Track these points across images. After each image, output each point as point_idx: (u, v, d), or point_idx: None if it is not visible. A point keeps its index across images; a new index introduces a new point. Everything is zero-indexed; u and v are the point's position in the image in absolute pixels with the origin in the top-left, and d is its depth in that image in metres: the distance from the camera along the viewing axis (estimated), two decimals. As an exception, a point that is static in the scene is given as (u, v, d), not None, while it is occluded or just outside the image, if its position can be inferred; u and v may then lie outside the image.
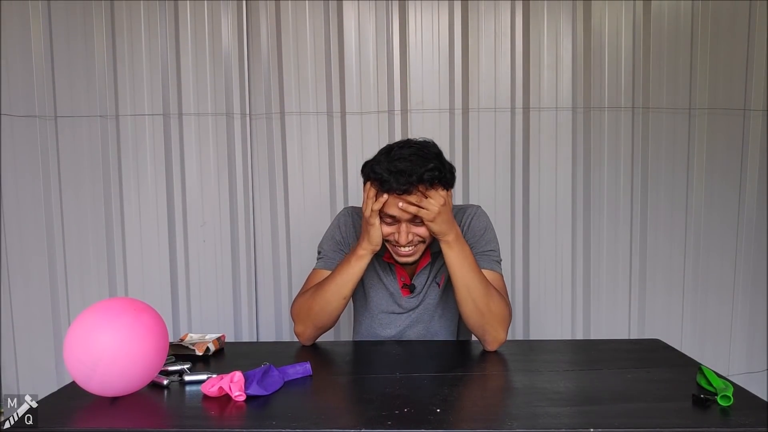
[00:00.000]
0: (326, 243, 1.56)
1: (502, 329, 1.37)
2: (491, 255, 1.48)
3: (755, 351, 2.40)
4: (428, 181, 1.29)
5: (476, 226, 1.50)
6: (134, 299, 1.13)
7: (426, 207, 1.29)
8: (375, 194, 1.33)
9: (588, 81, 2.26)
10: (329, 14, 2.24)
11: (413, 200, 1.30)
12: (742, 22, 2.27)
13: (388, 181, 1.29)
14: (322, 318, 1.42)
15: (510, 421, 0.95)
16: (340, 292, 1.39)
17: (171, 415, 1.07)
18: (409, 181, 1.28)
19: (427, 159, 1.32)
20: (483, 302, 1.34)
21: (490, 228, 1.52)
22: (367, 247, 1.37)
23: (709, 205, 2.33)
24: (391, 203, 1.32)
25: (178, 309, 2.31)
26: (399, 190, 1.29)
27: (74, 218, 2.24)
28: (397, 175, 1.28)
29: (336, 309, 1.41)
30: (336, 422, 0.98)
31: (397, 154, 1.32)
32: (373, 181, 1.34)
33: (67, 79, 2.20)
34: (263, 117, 2.28)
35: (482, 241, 1.48)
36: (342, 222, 1.57)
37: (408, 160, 1.30)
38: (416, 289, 1.52)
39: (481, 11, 2.24)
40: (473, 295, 1.34)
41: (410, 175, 1.28)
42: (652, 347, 1.44)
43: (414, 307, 1.54)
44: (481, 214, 1.54)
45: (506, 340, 1.39)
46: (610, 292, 2.34)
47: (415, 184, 1.29)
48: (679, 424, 0.95)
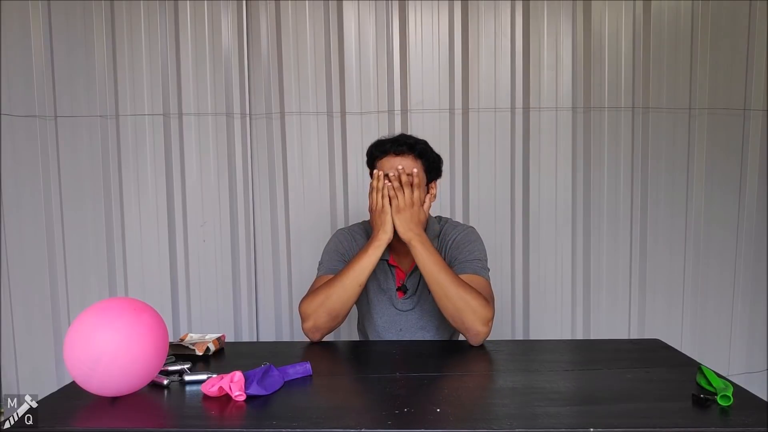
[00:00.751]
0: (327, 255, 1.59)
1: (480, 323, 1.36)
2: (476, 262, 1.51)
3: (755, 351, 2.40)
4: (418, 151, 1.52)
5: (463, 238, 1.57)
6: (134, 299, 1.13)
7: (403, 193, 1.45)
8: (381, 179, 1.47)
9: (588, 81, 2.26)
10: (329, 14, 2.24)
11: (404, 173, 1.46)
12: (742, 22, 2.27)
13: (386, 143, 1.54)
14: (336, 307, 1.43)
15: (510, 421, 0.95)
16: (357, 279, 1.43)
17: (171, 415, 1.07)
18: (406, 143, 1.52)
19: (419, 139, 1.57)
20: (457, 297, 1.37)
21: (479, 243, 1.57)
22: (383, 237, 1.45)
23: (708, 204, 2.33)
24: (386, 162, 1.52)
25: (178, 309, 2.32)
26: (396, 151, 1.51)
27: (74, 218, 2.24)
28: (394, 139, 1.55)
29: (352, 296, 1.45)
30: (336, 422, 0.98)
31: (394, 137, 1.58)
32: (375, 151, 1.55)
33: (67, 79, 2.20)
34: (263, 117, 2.28)
35: (467, 250, 1.53)
36: (341, 238, 1.62)
37: (403, 136, 1.58)
38: (409, 291, 1.57)
39: (481, 11, 2.24)
40: (445, 291, 1.39)
41: (406, 140, 1.54)
42: (652, 347, 1.43)
43: (410, 309, 1.57)
44: (472, 231, 1.61)
45: (489, 334, 1.38)
46: (610, 292, 2.34)
47: (409, 148, 1.52)
48: (679, 424, 0.95)
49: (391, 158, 1.54)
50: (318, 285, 1.51)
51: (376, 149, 1.57)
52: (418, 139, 1.57)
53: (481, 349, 1.40)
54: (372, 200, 1.48)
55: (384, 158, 1.55)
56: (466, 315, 1.36)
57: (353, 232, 1.65)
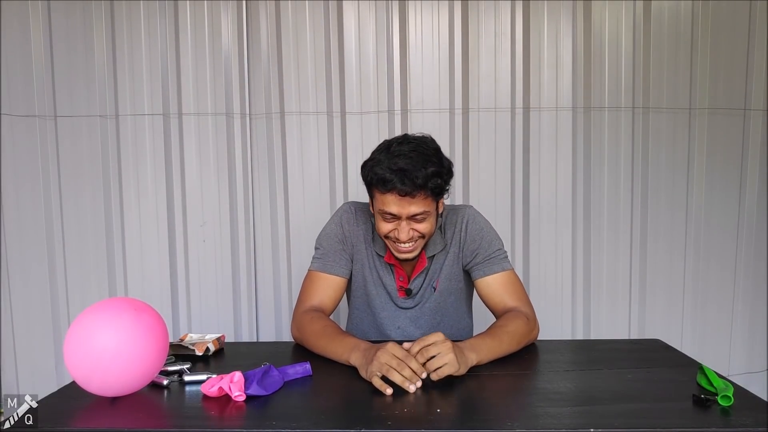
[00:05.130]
0: (326, 240, 1.52)
1: (536, 331, 1.43)
2: (497, 255, 1.48)
3: (755, 351, 2.40)
4: (432, 190, 1.30)
5: (473, 231, 1.49)
6: (134, 299, 1.13)
7: (438, 364, 1.13)
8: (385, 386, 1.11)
9: (588, 81, 2.26)
10: (329, 14, 2.24)
11: (418, 361, 1.14)
12: (742, 22, 2.27)
13: (392, 181, 1.28)
14: (310, 347, 1.39)
15: (510, 421, 0.95)
16: (324, 354, 1.32)
17: (171, 415, 1.07)
18: (415, 184, 1.27)
19: (427, 157, 1.31)
20: (520, 344, 1.36)
21: (487, 227, 1.51)
22: (360, 368, 1.19)
23: (709, 205, 2.33)
24: (391, 201, 1.31)
25: (178, 309, 2.32)
26: (402, 191, 1.28)
27: (74, 218, 2.24)
28: (400, 174, 1.27)
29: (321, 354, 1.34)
30: (336, 422, 0.98)
31: (397, 150, 1.31)
32: (376, 183, 1.32)
33: (67, 79, 2.20)
34: (263, 117, 2.27)
35: (484, 245, 1.48)
36: (344, 219, 1.52)
37: (408, 156, 1.29)
38: (412, 292, 1.54)
39: (481, 11, 2.24)
40: (514, 349, 1.33)
41: (414, 177, 1.27)
42: (652, 347, 1.43)
43: (410, 307, 1.55)
44: (474, 215, 1.52)
45: (539, 329, 1.45)
46: (610, 292, 2.34)
47: (419, 189, 1.28)
48: (679, 424, 0.95)
49: (395, 198, 1.30)
50: (308, 290, 1.49)
51: (377, 182, 1.31)
52: (428, 164, 1.28)
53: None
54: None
55: (387, 195, 1.31)
56: (531, 339, 1.41)
57: (359, 217, 1.53)
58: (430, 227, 1.38)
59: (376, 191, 1.35)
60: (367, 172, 1.34)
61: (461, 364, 1.15)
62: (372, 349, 1.20)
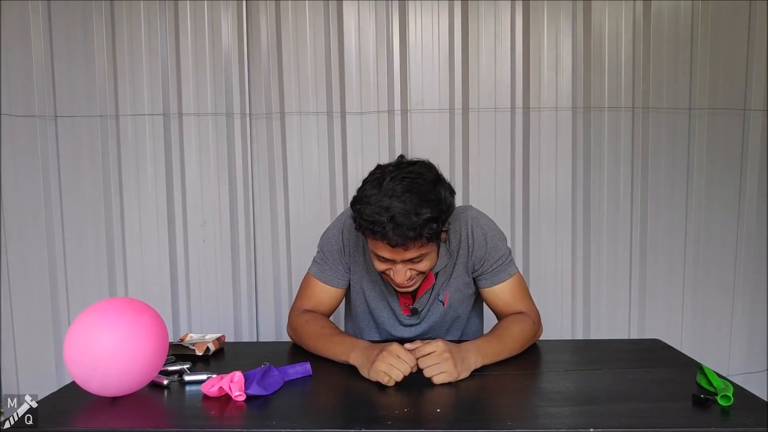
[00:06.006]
0: (326, 245, 1.50)
1: (540, 332, 1.48)
2: (504, 261, 1.44)
3: (755, 351, 2.40)
4: (428, 237, 1.19)
5: (479, 237, 1.42)
6: (134, 299, 1.13)
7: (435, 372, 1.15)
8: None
9: (588, 81, 2.26)
10: (329, 14, 2.24)
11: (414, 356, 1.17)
12: (742, 22, 2.27)
13: (381, 231, 1.16)
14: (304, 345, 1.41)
15: (510, 421, 0.95)
16: (321, 354, 1.34)
17: (171, 415, 1.07)
18: (407, 237, 1.16)
19: (422, 195, 1.19)
20: (527, 344, 1.39)
21: (490, 228, 1.45)
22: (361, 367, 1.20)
23: (708, 205, 2.33)
24: (382, 247, 1.23)
25: (178, 309, 2.31)
26: (393, 242, 1.18)
27: (74, 218, 2.24)
28: (391, 224, 1.15)
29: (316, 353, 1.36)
30: (336, 422, 0.98)
31: (389, 188, 1.18)
32: (363, 230, 1.22)
33: (67, 79, 2.20)
34: (263, 117, 2.27)
35: (491, 251, 1.42)
36: (346, 226, 1.45)
37: (400, 199, 1.17)
38: (418, 311, 1.48)
39: (481, 11, 2.24)
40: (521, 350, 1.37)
41: (406, 228, 1.15)
42: (652, 347, 1.43)
43: (416, 323, 1.50)
44: (476, 217, 1.45)
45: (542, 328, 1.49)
46: (610, 292, 2.34)
47: (412, 241, 1.18)
48: (679, 424, 0.95)
49: (387, 246, 1.21)
50: (305, 293, 1.49)
51: (365, 228, 1.20)
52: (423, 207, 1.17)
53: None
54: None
55: (378, 242, 1.22)
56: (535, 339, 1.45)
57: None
58: (430, 264, 1.32)
59: (366, 235, 1.26)
60: (356, 215, 1.22)
61: (461, 372, 1.16)
62: (373, 348, 1.20)
